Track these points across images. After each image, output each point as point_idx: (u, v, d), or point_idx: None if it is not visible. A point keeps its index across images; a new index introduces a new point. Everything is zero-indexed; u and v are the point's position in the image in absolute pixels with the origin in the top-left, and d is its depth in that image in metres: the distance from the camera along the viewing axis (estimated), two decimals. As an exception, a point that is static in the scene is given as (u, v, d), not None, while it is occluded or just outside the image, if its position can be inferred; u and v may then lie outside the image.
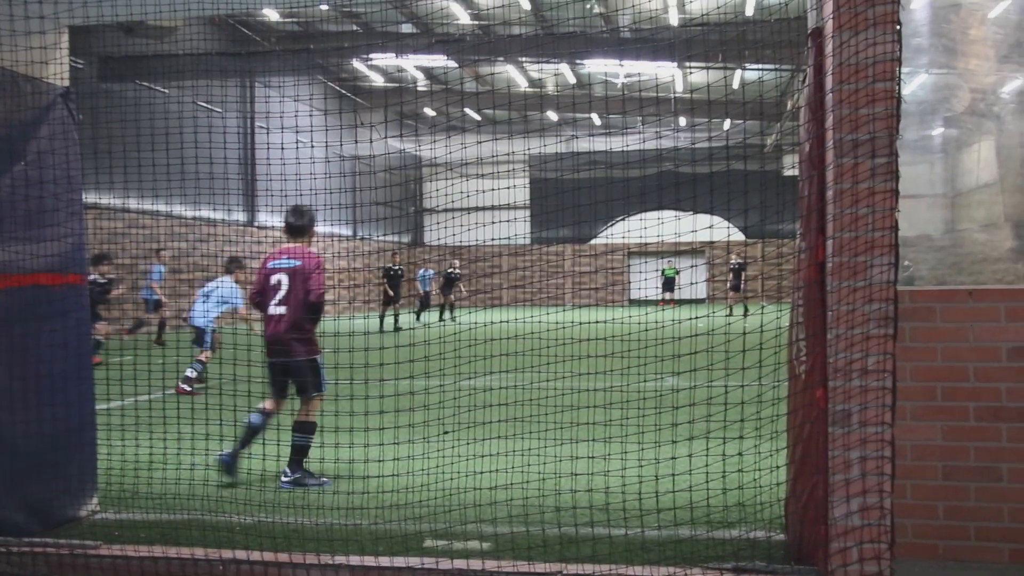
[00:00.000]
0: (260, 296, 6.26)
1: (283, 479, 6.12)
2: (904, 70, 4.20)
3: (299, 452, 6.09)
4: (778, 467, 4.49)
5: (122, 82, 21.19)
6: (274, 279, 6.12)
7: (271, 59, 26.01)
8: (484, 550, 4.59)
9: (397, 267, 23.35)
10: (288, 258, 6.17)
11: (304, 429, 6.10)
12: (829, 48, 3.80)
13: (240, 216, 27.68)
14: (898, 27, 3.66)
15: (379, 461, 5.88)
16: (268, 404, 6.23)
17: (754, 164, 30.02)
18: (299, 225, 6.30)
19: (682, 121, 34.04)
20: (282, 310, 6.06)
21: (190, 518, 5.11)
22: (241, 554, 4.34)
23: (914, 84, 5.74)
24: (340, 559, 4.28)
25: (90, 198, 19.08)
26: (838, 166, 3.72)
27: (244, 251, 26.91)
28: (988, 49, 5.29)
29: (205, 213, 25.15)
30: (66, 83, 5.30)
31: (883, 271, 3.67)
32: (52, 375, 5.04)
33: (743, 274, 26.56)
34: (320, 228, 6.82)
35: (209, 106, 22.51)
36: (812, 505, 3.87)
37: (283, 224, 6.39)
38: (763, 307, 13.67)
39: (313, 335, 6.18)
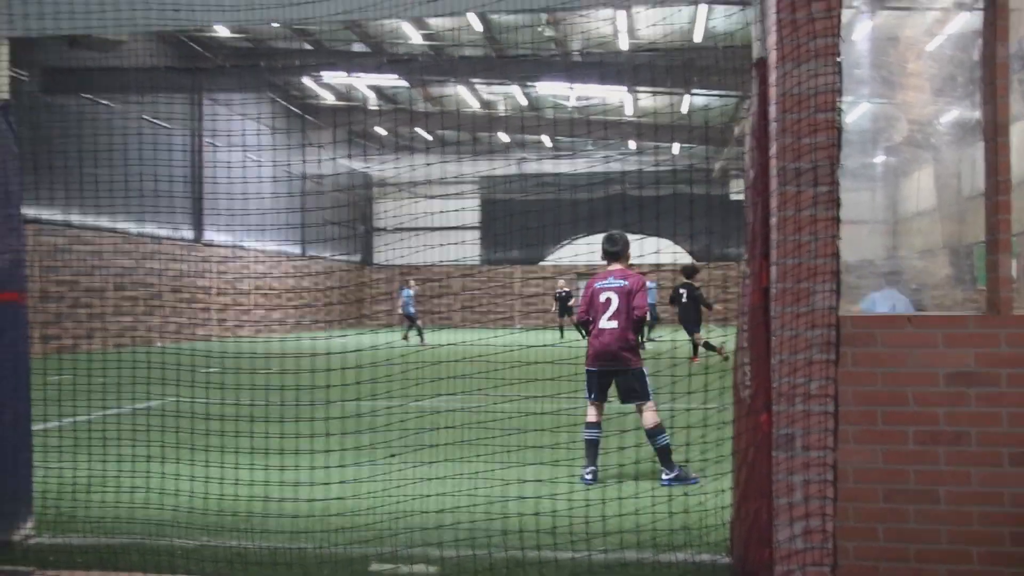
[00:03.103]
0: (587, 314, 6.93)
1: (663, 477, 6.52)
2: (846, 99, 4.31)
3: (664, 453, 6.56)
4: (724, 490, 4.53)
5: (66, 95, 20.82)
6: (603, 297, 6.82)
7: (221, 75, 25.76)
8: (430, 573, 4.55)
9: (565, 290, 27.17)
10: (615, 279, 6.86)
11: (655, 432, 6.57)
12: (773, 78, 3.87)
13: (187, 233, 27.26)
14: (839, 59, 3.75)
15: (325, 484, 5.81)
16: (591, 416, 6.74)
17: (702, 188, 30.42)
18: (614, 251, 6.96)
19: (632, 145, 34.38)
20: (613, 324, 6.71)
21: (130, 542, 4.99)
22: (182, 579, 4.25)
23: (855, 114, 5.88)
24: (284, 584, 4.21)
25: (31, 212, 18.69)
26: (782, 194, 3.79)
27: (191, 269, 26.50)
28: (925, 82, 5.45)
29: (151, 229, 24.72)
30: (5, 96, 5.18)
31: (825, 297, 3.74)
32: (-13, 395, 4.91)
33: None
34: (269, 246, 6.79)
35: (156, 121, 22.21)
36: (756, 528, 3.91)
37: (601, 251, 7.06)
38: (709, 330, 13.83)
39: (637, 347, 6.87)
